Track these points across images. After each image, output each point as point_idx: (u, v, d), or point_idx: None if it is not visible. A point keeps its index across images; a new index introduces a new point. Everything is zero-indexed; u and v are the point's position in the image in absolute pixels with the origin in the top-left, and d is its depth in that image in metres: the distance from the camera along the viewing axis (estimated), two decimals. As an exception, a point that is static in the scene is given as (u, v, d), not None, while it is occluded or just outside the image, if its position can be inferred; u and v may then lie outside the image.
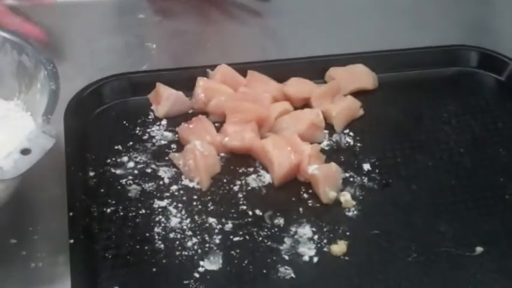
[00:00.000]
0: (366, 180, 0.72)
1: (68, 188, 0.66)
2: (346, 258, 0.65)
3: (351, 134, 0.78)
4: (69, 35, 0.86)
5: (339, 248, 0.66)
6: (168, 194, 0.69)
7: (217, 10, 0.93)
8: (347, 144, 0.77)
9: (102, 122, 0.76)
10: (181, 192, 0.70)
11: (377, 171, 0.73)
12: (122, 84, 0.79)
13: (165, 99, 0.77)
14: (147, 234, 0.65)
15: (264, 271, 0.63)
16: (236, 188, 0.71)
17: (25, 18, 0.78)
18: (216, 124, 0.76)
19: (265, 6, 0.96)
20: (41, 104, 0.61)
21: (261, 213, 0.68)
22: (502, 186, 0.73)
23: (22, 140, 0.55)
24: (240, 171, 0.73)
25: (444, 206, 0.71)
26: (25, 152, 0.54)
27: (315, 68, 0.83)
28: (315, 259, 0.65)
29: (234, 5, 0.94)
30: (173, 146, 0.74)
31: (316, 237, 0.66)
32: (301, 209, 0.69)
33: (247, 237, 0.66)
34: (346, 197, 0.70)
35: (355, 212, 0.69)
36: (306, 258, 0.65)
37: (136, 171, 0.71)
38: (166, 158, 0.73)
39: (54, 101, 0.60)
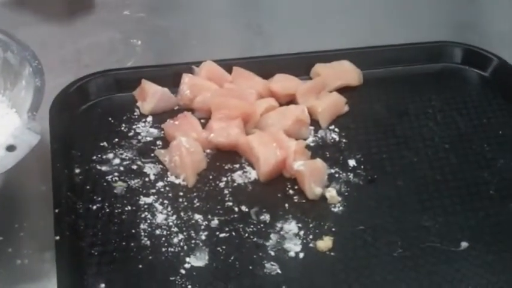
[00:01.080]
0: (351, 176, 0.73)
1: (53, 185, 0.66)
2: (332, 253, 0.65)
3: (336, 130, 0.78)
4: (55, 31, 0.85)
5: (325, 243, 0.66)
6: (154, 191, 0.69)
7: None
8: (332, 140, 0.77)
9: (88, 118, 0.76)
10: (167, 188, 0.70)
11: (362, 167, 0.74)
12: (107, 81, 0.79)
13: (151, 95, 0.77)
14: (133, 231, 0.65)
15: (250, 267, 0.63)
16: (222, 185, 0.71)
17: None
18: (202, 120, 0.76)
19: (251, 2, 0.96)
20: (26, 100, 0.61)
21: (247, 210, 0.68)
22: (487, 181, 0.74)
23: (7, 137, 0.55)
24: (226, 167, 0.73)
25: (429, 202, 0.71)
26: (10, 148, 0.54)
27: (301, 65, 0.83)
28: (301, 255, 0.65)
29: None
30: (159, 142, 0.74)
31: (302, 233, 0.67)
32: (287, 205, 0.69)
33: (233, 233, 0.66)
34: (331, 193, 0.70)
35: (341, 208, 0.70)
36: (292, 254, 0.65)
37: (122, 168, 0.71)
38: (152, 155, 0.73)
39: (39, 97, 0.60)
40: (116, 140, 0.74)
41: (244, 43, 0.90)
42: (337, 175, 0.73)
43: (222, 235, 0.66)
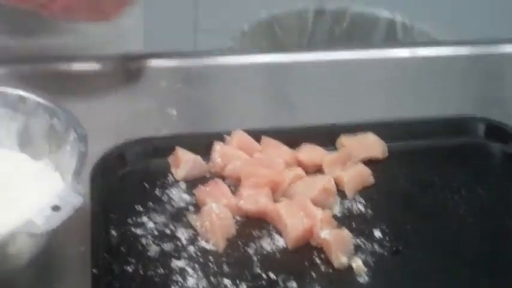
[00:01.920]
0: (376, 246, 0.74)
1: (91, 246, 0.69)
2: (358, 323, 0.66)
3: (362, 200, 0.80)
4: (97, 101, 0.90)
5: (351, 312, 0.67)
6: (185, 255, 0.71)
7: None
8: (358, 211, 0.79)
9: (125, 183, 0.79)
10: (197, 253, 0.72)
11: (387, 238, 0.75)
12: (143, 148, 0.82)
13: (184, 162, 0.80)
14: (165, 294, 0.67)
15: (277, 334, 0.64)
16: (250, 251, 0.73)
17: None
18: (232, 188, 0.79)
19: (280, 75, 1.00)
20: (70, 164, 0.64)
21: (274, 277, 0.70)
22: (511, 256, 0.74)
23: (53, 198, 0.58)
24: (255, 234, 0.75)
25: (453, 275, 0.72)
26: (55, 208, 0.57)
27: (327, 135, 0.86)
28: (327, 323, 0.66)
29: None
30: (191, 207, 0.77)
31: (328, 301, 0.68)
32: (313, 273, 0.71)
33: (261, 299, 0.67)
34: (357, 263, 0.72)
35: (367, 278, 0.71)
36: (318, 322, 0.66)
37: (155, 232, 0.73)
38: (184, 220, 0.75)
39: (83, 162, 0.63)
40: (151, 204, 0.77)
41: (272, 114, 0.93)
42: (363, 245, 0.74)
43: (250, 301, 0.67)
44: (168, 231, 0.74)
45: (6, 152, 0.72)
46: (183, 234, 0.74)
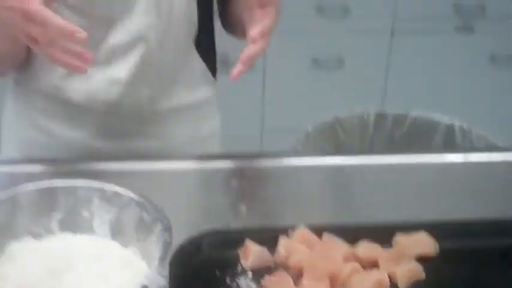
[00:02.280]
0: (428, 337, 0.80)
1: (169, 325, 0.77)
2: None
3: (414, 294, 0.86)
4: (178, 197, 1.00)
5: None
6: (253, 336, 0.79)
7: None
8: (410, 304, 0.85)
9: (199, 271, 0.86)
10: (264, 335, 0.79)
11: (439, 330, 0.81)
12: (216, 239, 0.90)
13: (252, 254, 0.88)
14: None
15: None
16: (311, 335, 0.80)
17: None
18: (294, 278, 0.86)
19: (341, 176, 1.09)
20: (155, 252, 0.74)
21: None
22: None
23: (142, 278, 0.68)
24: (315, 321, 0.82)
25: None
26: (144, 287, 0.67)
27: (383, 233, 0.92)
28: None
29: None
30: (257, 295, 0.85)
31: None
32: None
33: None
34: None
35: None
36: None
37: (226, 316, 0.81)
38: (251, 306, 0.83)
39: (167, 250, 0.73)
40: (222, 290, 0.85)
41: (333, 212, 1.00)
42: (414, 335, 0.80)
43: None
44: (237, 316, 0.82)
45: (99, 239, 0.84)
46: (250, 319, 0.82)
